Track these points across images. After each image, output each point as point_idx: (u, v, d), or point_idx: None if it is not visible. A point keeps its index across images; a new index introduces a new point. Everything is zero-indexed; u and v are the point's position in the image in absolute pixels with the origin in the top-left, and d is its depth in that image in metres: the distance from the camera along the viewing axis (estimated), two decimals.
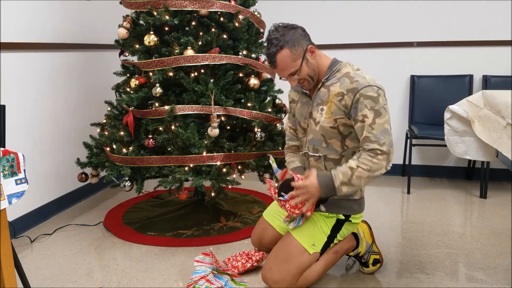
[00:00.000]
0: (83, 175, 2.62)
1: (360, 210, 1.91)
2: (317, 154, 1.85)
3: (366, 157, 1.67)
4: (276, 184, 1.88)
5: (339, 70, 1.81)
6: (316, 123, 1.82)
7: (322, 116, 1.80)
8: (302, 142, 1.95)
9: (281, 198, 1.78)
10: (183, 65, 2.32)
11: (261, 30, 2.73)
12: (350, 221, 1.90)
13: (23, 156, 1.33)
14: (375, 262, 2.05)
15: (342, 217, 1.88)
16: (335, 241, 1.90)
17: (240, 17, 2.48)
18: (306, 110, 1.89)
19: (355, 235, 2.03)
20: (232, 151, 2.38)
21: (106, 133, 2.51)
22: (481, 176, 3.13)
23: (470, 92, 3.37)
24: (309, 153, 1.88)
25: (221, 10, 2.41)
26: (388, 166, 1.69)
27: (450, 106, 2.05)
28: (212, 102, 2.31)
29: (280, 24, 1.78)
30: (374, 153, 1.67)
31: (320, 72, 1.83)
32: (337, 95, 1.75)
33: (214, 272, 1.98)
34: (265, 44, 1.79)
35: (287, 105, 2.12)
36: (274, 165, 1.90)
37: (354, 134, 1.79)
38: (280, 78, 1.86)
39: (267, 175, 2.25)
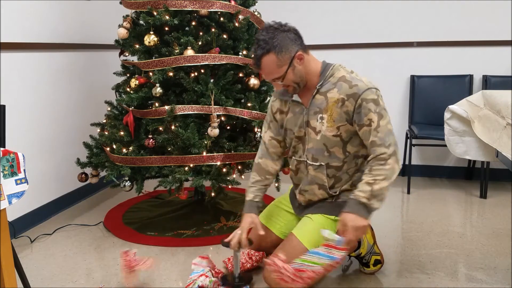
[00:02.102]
0: (83, 175, 2.62)
1: None
2: (317, 163, 1.81)
3: (377, 168, 1.68)
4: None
5: (332, 75, 1.75)
6: (317, 132, 1.77)
7: (323, 125, 1.75)
8: (296, 149, 1.89)
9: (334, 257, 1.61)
10: (183, 65, 2.32)
11: None
12: None
13: (23, 156, 1.33)
14: (376, 262, 2.04)
15: None
16: None
17: (240, 17, 2.48)
18: (300, 119, 1.82)
19: None
20: (232, 151, 2.38)
21: (106, 133, 2.52)
22: (481, 176, 3.13)
23: (470, 92, 3.37)
24: (308, 161, 1.84)
25: (221, 10, 2.41)
26: (399, 165, 1.69)
27: (450, 106, 2.06)
28: (212, 102, 2.31)
29: (272, 24, 1.67)
30: (383, 160, 1.67)
31: (311, 77, 1.76)
32: (336, 102, 1.71)
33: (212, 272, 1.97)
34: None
35: (268, 115, 1.98)
36: (333, 236, 1.64)
37: (355, 139, 1.77)
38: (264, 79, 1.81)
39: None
